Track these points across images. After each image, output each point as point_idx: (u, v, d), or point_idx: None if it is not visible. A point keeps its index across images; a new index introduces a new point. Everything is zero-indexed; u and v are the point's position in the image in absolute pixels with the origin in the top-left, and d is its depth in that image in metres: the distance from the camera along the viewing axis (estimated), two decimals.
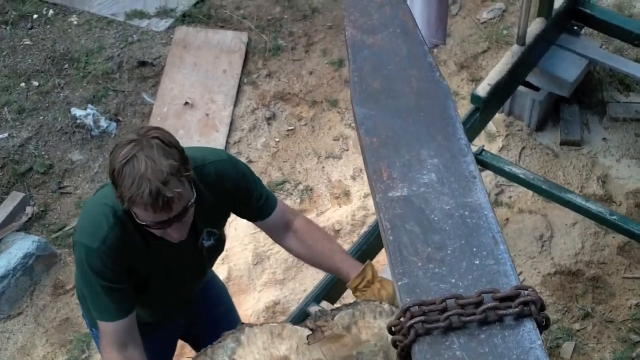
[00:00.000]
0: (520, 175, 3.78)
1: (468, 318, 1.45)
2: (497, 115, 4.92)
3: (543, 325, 1.49)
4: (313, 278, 4.05)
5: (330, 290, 3.33)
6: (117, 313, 2.39)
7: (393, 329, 1.51)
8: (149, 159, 2.09)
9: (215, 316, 2.93)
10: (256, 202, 2.59)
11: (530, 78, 4.72)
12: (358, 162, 4.75)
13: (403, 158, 1.76)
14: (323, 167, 4.77)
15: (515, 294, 1.48)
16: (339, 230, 4.37)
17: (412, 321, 1.46)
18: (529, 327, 1.46)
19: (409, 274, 1.55)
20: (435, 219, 1.64)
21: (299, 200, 4.58)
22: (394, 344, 1.50)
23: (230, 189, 2.51)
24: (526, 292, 1.48)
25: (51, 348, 4.01)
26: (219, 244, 2.64)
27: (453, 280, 1.54)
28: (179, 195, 2.15)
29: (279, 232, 2.67)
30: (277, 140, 4.93)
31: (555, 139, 4.82)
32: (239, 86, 5.20)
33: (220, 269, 4.01)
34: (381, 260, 3.86)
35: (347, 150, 4.84)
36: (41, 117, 4.97)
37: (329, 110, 5.07)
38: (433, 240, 1.60)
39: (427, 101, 1.88)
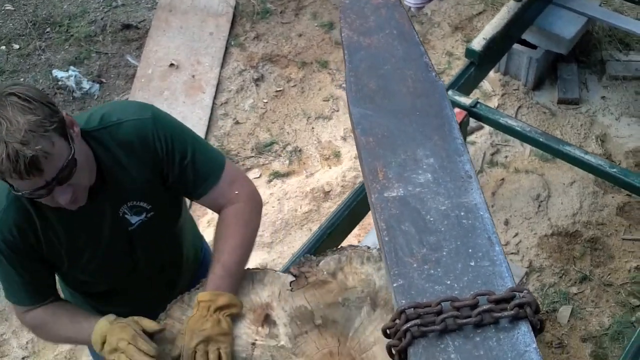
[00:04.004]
0: (517, 128, 3.61)
1: (463, 320, 1.45)
2: (493, 75, 4.78)
3: (538, 328, 1.48)
4: (301, 241, 3.90)
5: (320, 247, 3.19)
6: (32, 300, 2.20)
7: (388, 331, 1.49)
8: (3, 119, 1.80)
9: None
10: (187, 177, 2.23)
11: (527, 36, 4.57)
12: (349, 123, 4.58)
13: (399, 158, 1.76)
14: (313, 128, 4.62)
15: (511, 296, 1.47)
16: (329, 191, 4.23)
17: (407, 324, 1.45)
18: (523, 329, 1.45)
19: (404, 275, 1.54)
20: (431, 219, 1.63)
21: (287, 161, 4.44)
22: (389, 349, 1.48)
23: (152, 153, 2.16)
24: (521, 294, 1.48)
25: None
26: (159, 218, 2.30)
27: (448, 282, 1.53)
28: (45, 153, 1.83)
29: (214, 211, 2.33)
30: (265, 101, 4.78)
31: (553, 98, 4.68)
32: (226, 49, 5.06)
33: (207, 232, 3.87)
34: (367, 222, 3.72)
35: (338, 111, 4.70)
36: (22, 79, 4.83)
37: (319, 71, 4.92)
38: (429, 241, 1.59)
39: (423, 101, 1.88)
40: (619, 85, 4.74)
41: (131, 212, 2.22)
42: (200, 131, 4.49)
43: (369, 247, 2.40)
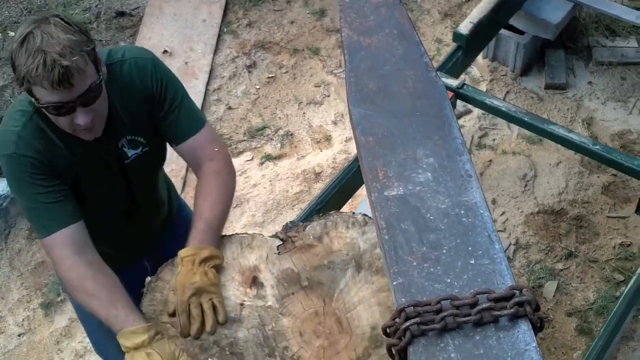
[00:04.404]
0: (502, 108, 3.69)
1: (463, 319, 1.44)
2: (481, 61, 4.86)
3: (538, 327, 1.47)
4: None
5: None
6: (61, 221, 2.18)
7: (388, 330, 1.49)
8: (45, 33, 1.94)
9: None
10: (172, 120, 2.34)
11: (514, 21, 4.65)
12: (340, 108, 4.68)
13: (399, 157, 1.76)
14: (304, 113, 4.70)
15: (510, 294, 1.47)
16: (320, 173, 4.30)
17: (407, 323, 1.44)
18: (523, 328, 1.45)
19: (404, 273, 1.54)
20: (431, 218, 1.63)
21: (279, 145, 4.51)
22: (389, 348, 1.48)
23: (148, 93, 2.29)
24: (521, 293, 1.47)
25: (26, 291, 3.95)
26: (150, 156, 2.43)
27: (448, 280, 1.53)
28: (78, 68, 1.96)
29: (192, 166, 2.43)
30: (257, 87, 4.85)
31: (540, 84, 4.76)
32: (219, 35, 5.12)
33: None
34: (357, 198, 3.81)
35: (329, 96, 4.77)
36: None
37: (310, 58, 5.00)
38: (428, 240, 1.59)
39: (423, 101, 1.88)
40: (605, 70, 4.82)
41: (129, 145, 2.34)
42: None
43: (354, 213, 2.48)
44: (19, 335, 3.80)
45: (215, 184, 2.34)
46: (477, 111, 4.57)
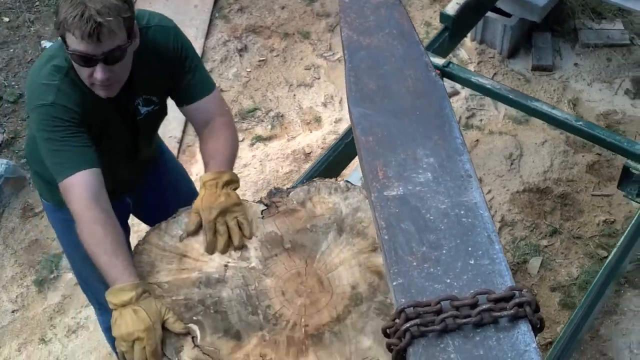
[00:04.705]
0: (487, 86, 3.74)
1: (463, 320, 1.44)
2: (469, 43, 4.92)
3: (538, 328, 1.48)
4: None
5: None
6: (86, 163, 2.34)
7: (388, 331, 1.49)
8: None
9: (164, 190, 2.94)
10: (188, 81, 2.54)
11: (501, 4, 4.71)
12: (329, 90, 4.74)
13: (399, 157, 1.76)
14: (294, 95, 4.76)
15: (510, 295, 1.47)
16: (310, 153, 4.37)
17: (407, 324, 1.44)
18: (523, 329, 1.45)
19: (404, 273, 1.54)
20: (431, 218, 1.63)
21: (270, 126, 4.58)
22: (389, 347, 1.48)
23: (169, 56, 2.49)
24: (521, 293, 1.48)
25: (20, 269, 4.01)
26: (158, 113, 2.65)
27: (448, 281, 1.52)
28: (110, 28, 2.16)
29: (199, 125, 2.61)
30: (248, 70, 4.92)
31: (527, 65, 4.83)
32: (211, 20, 5.19)
33: None
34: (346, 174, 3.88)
35: (319, 78, 4.84)
36: (11, 50, 4.95)
37: (300, 42, 5.06)
38: (428, 240, 1.58)
39: (423, 101, 1.88)
40: (591, 52, 4.89)
41: (143, 103, 2.56)
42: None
43: (336, 180, 2.56)
44: (13, 312, 3.86)
45: (225, 131, 2.56)
46: (464, 92, 4.64)
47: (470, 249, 1.56)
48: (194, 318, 2.16)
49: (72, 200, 2.31)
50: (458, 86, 4.68)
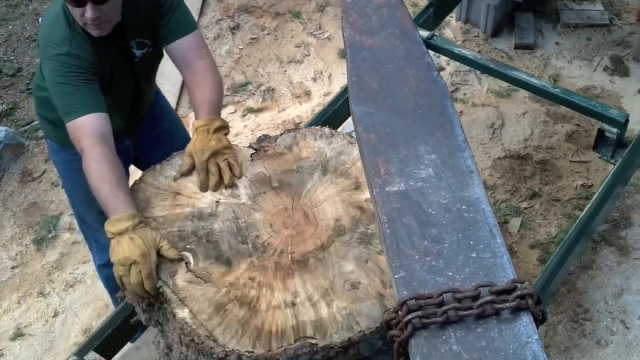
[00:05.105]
0: (469, 57, 3.91)
1: (465, 312, 1.44)
2: (454, 23, 5.10)
3: (539, 319, 1.48)
4: None
5: None
6: (95, 106, 2.51)
7: (390, 322, 1.50)
8: None
9: (159, 135, 3.12)
10: (168, 20, 2.71)
11: None
12: (319, 66, 4.91)
13: (401, 154, 1.75)
14: (285, 71, 4.92)
15: (512, 287, 1.46)
16: (299, 123, 4.52)
17: (409, 316, 1.44)
18: (525, 320, 1.45)
19: (406, 267, 1.54)
20: (433, 212, 1.62)
21: (261, 99, 4.73)
22: (391, 339, 1.48)
23: (157, 2, 2.70)
24: (522, 285, 1.47)
25: (19, 229, 4.15)
26: (153, 55, 2.84)
27: (450, 274, 1.52)
28: None
29: (181, 66, 2.76)
30: (240, 47, 5.08)
31: (510, 44, 5.00)
32: (204, 0, 5.34)
33: None
34: None
35: (309, 55, 5.00)
36: (10, 27, 5.10)
37: (291, 21, 5.22)
38: (430, 234, 1.58)
39: (425, 100, 1.88)
40: (572, 32, 5.07)
41: (137, 46, 2.75)
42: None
43: (321, 127, 2.72)
44: (12, 268, 3.99)
45: (210, 77, 2.70)
46: (449, 68, 4.81)
47: (472, 242, 1.56)
48: (187, 247, 2.30)
49: (81, 138, 2.46)
50: (443, 63, 4.86)
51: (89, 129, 2.45)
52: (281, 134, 2.68)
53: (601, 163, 4.20)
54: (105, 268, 3.25)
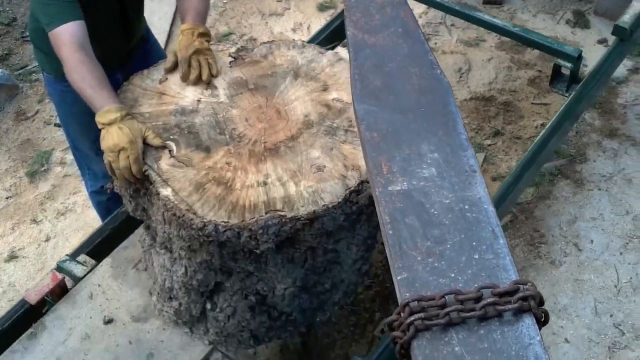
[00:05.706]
0: (440, 1, 4.18)
1: (467, 314, 1.43)
2: None
3: (542, 321, 1.47)
4: None
5: None
6: (73, 15, 2.65)
7: (392, 324, 1.50)
8: None
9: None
10: None
11: None
12: (298, 18, 5.17)
13: (403, 152, 1.75)
14: (267, 23, 5.19)
15: (515, 289, 1.46)
16: None
17: (411, 318, 1.44)
18: (527, 322, 1.44)
19: (408, 268, 1.54)
20: (435, 213, 1.62)
21: None
22: (393, 340, 1.49)
23: None
24: (525, 287, 1.46)
25: (13, 163, 4.40)
26: None
27: (452, 275, 1.51)
28: None
29: None
30: (224, 1, 5.34)
31: (479, 0, 5.28)
32: None
33: None
34: None
35: (289, 9, 5.27)
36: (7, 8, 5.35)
37: None
38: (433, 235, 1.57)
39: (427, 98, 1.88)
40: None
41: None
42: (166, 23, 5.04)
43: (294, 40, 3.01)
44: (7, 198, 4.25)
45: None
46: (421, 20, 5.08)
47: (474, 243, 1.56)
48: (171, 137, 2.58)
49: (61, 47, 2.67)
50: (416, 15, 5.12)
51: (67, 37, 2.64)
52: (257, 46, 2.98)
53: (560, 105, 4.48)
54: (96, 195, 3.48)
